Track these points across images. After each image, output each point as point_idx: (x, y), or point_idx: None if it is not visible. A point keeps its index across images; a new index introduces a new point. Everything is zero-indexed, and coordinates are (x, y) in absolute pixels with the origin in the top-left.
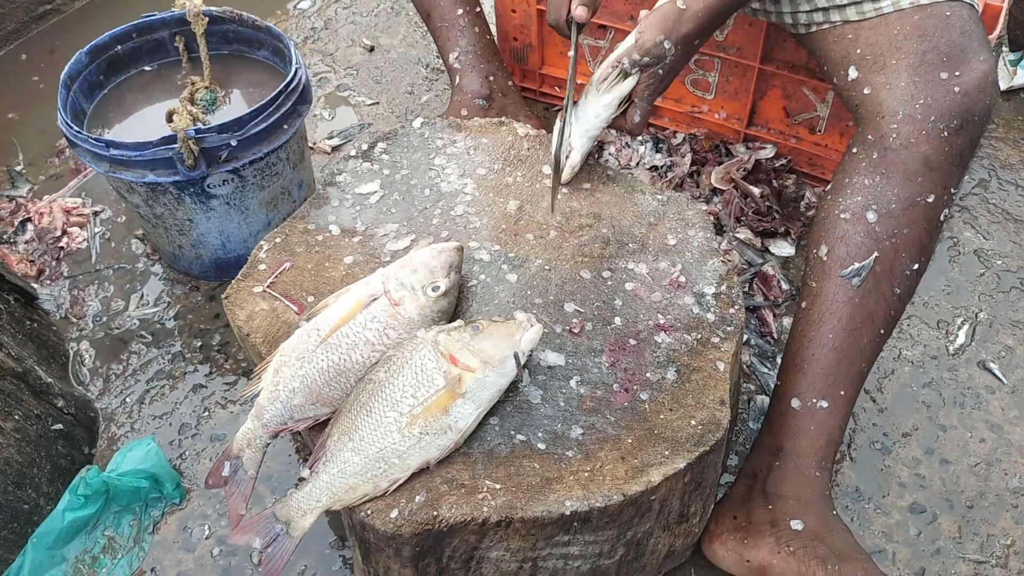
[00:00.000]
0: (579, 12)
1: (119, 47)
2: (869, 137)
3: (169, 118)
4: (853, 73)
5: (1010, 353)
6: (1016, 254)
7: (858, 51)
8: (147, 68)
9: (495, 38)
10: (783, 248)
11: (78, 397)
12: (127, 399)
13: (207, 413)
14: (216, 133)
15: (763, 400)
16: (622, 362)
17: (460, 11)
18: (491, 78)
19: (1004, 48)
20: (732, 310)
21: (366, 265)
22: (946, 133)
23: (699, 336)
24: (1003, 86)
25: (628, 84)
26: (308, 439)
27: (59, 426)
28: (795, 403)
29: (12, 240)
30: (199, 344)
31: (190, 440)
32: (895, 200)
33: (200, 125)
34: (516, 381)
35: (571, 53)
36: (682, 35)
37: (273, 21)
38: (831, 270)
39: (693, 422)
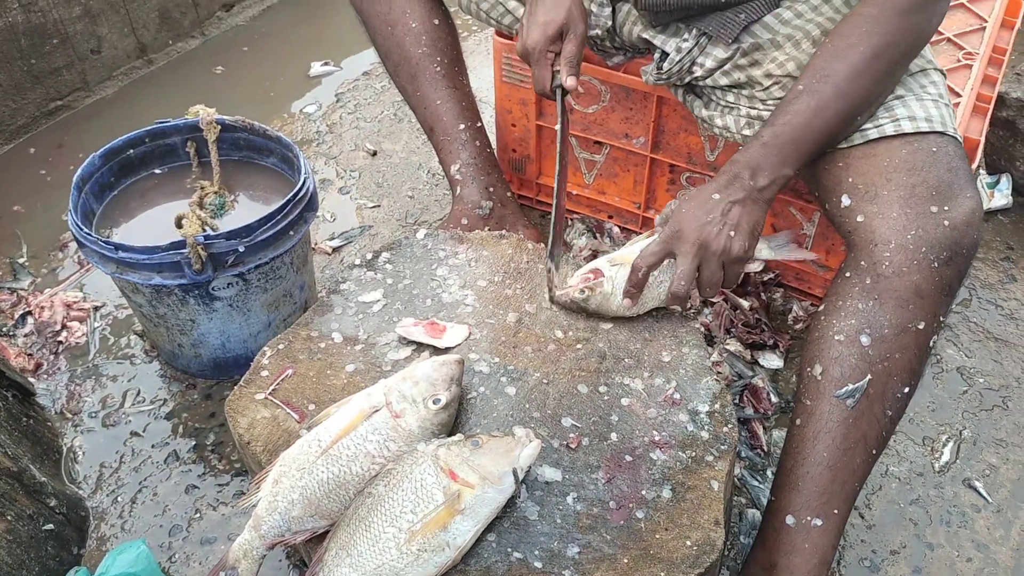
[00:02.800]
0: (569, 82)
1: (132, 151)
2: (862, 263)
3: (178, 223)
4: (846, 201)
5: (994, 472)
6: (997, 372)
7: (849, 179)
8: (157, 171)
9: (495, 150)
10: (772, 361)
11: (70, 496)
12: (119, 498)
13: (198, 515)
14: (225, 239)
15: (754, 514)
16: (618, 479)
17: (462, 126)
18: (491, 189)
19: (981, 172)
20: (726, 428)
21: (367, 374)
22: (936, 264)
23: (693, 454)
24: None
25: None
26: (304, 551)
27: (50, 526)
28: (790, 520)
29: (11, 333)
30: (193, 443)
31: (180, 543)
32: (888, 325)
33: (209, 230)
34: (514, 497)
35: (558, 125)
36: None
37: (279, 124)
38: (826, 390)
39: (688, 543)
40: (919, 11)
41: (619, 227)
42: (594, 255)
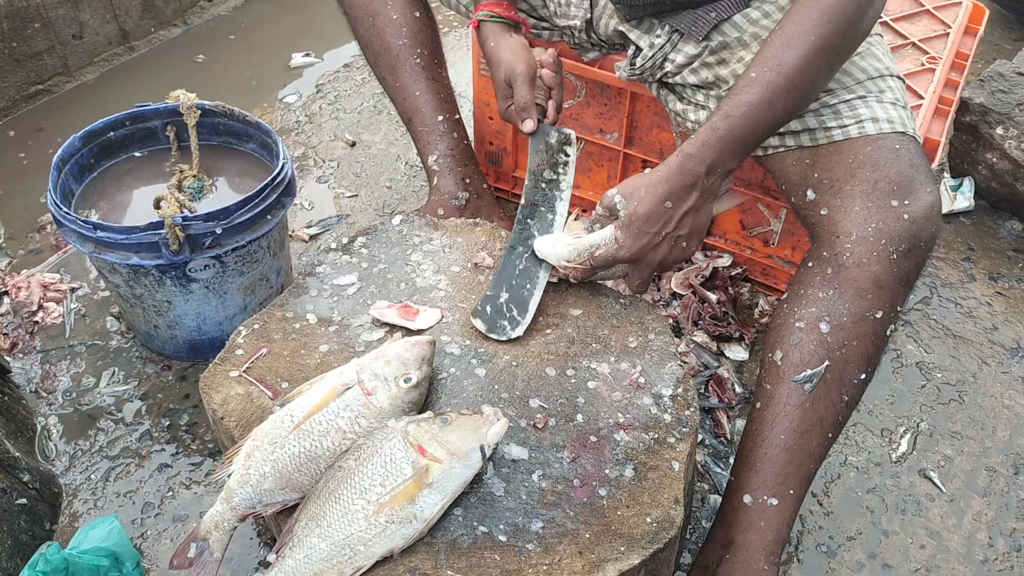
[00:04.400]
0: (527, 126)
1: (112, 133)
2: (824, 253)
3: (157, 204)
4: (811, 195)
5: (949, 463)
6: (955, 368)
7: (815, 175)
8: (137, 154)
9: (472, 142)
10: (737, 352)
11: (43, 472)
12: (92, 476)
13: (171, 493)
14: (202, 221)
15: (716, 499)
16: (583, 458)
17: (440, 117)
18: (467, 180)
19: (945, 175)
20: (688, 412)
21: (341, 354)
22: (895, 256)
23: (656, 436)
24: (944, 210)
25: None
26: (274, 524)
27: (23, 501)
28: (747, 499)
29: None
30: (167, 423)
31: (152, 520)
32: (846, 314)
33: (187, 212)
34: (480, 473)
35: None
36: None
37: (259, 112)
38: (785, 374)
39: (648, 519)
40: (861, 10)
41: None
42: None
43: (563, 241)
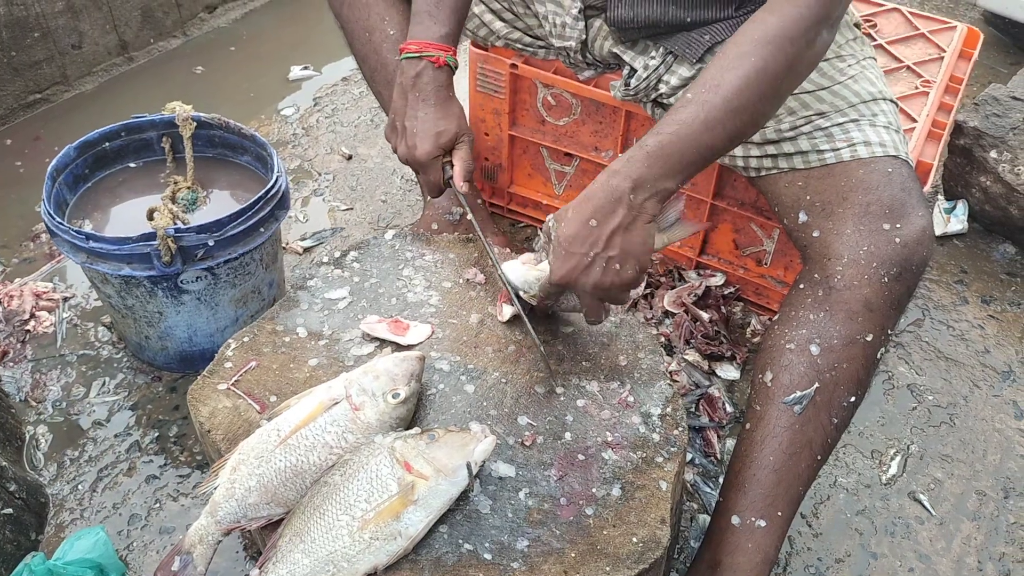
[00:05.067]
0: (465, 188)
1: (107, 144)
2: (816, 276)
3: (150, 216)
4: (803, 217)
5: (939, 486)
6: (946, 390)
7: (808, 197)
8: (132, 165)
9: None
10: (729, 372)
11: (30, 482)
12: (79, 486)
13: (158, 505)
14: (195, 233)
15: (705, 519)
16: (570, 476)
17: None
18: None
19: (939, 197)
20: (676, 431)
21: (330, 368)
22: (886, 279)
23: (644, 455)
24: (937, 232)
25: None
26: (259, 538)
27: (9, 510)
28: (735, 520)
29: None
30: (156, 435)
31: (139, 531)
32: (837, 336)
33: (180, 224)
34: (467, 490)
35: (468, 216)
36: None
37: (256, 125)
38: (775, 396)
39: (634, 539)
40: (809, 27)
41: None
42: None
43: (519, 271)
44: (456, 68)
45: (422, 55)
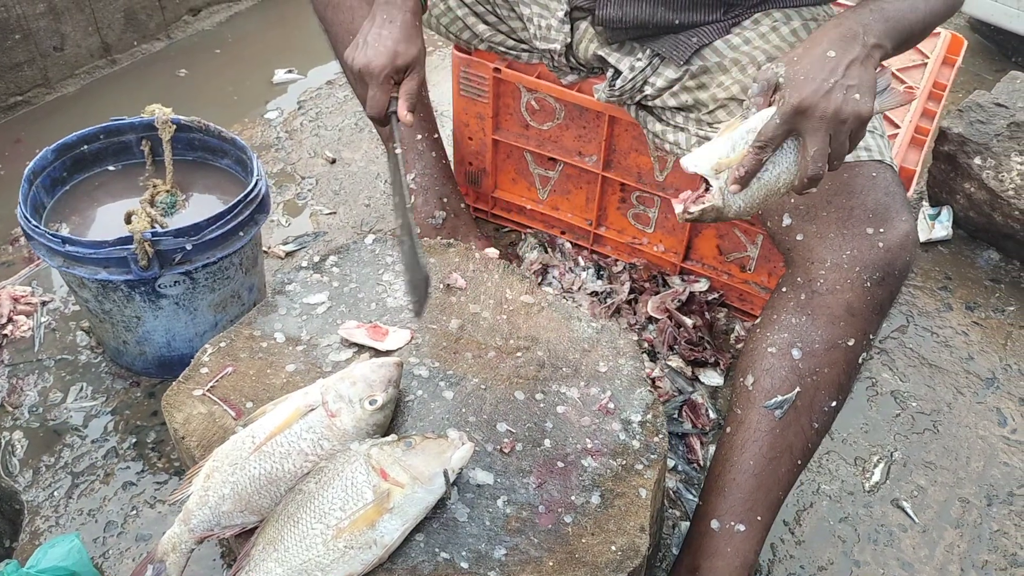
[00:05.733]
0: (408, 117)
1: (85, 147)
2: (798, 279)
3: (128, 219)
4: (787, 220)
5: (922, 493)
6: (930, 397)
7: (791, 200)
8: (111, 168)
9: (451, 162)
10: (712, 378)
11: (5, 489)
12: (55, 493)
13: (135, 512)
14: (172, 236)
15: (687, 526)
16: (549, 484)
17: (419, 136)
18: (445, 200)
19: (924, 203)
20: (657, 438)
21: (307, 374)
22: (869, 284)
23: (624, 462)
24: (922, 238)
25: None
26: (235, 546)
27: None
28: (714, 524)
29: None
30: (134, 441)
31: (115, 539)
32: (818, 340)
33: (158, 227)
34: (444, 498)
35: (396, 149)
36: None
37: (240, 128)
38: (756, 400)
39: (613, 547)
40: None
41: (571, 243)
42: (544, 269)
43: (715, 143)
44: (426, 7)
45: None
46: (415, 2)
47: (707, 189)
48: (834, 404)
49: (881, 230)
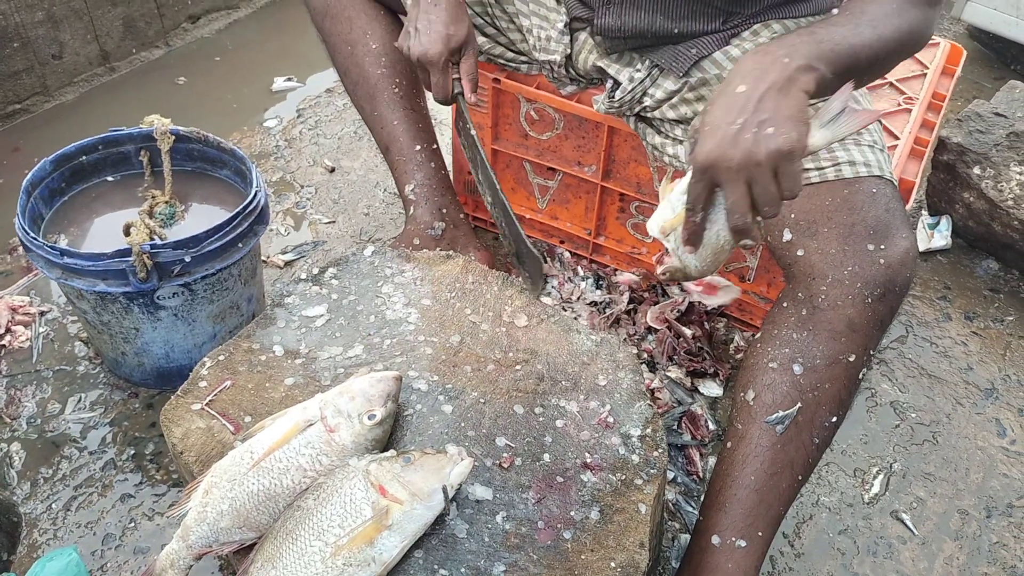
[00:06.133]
0: (474, 98)
1: (84, 157)
2: (799, 294)
3: (126, 231)
4: (787, 235)
5: (921, 505)
6: (929, 408)
7: (792, 216)
8: (109, 178)
9: (450, 172)
10: (712, 389)
11: (2, 501)
12: (53, 505)
13: (133, 524)
14: (171, 248)
15: (687, 539)
16: (548, 499)
17: (418, 147)
18: (444, 210)
19: (923, 212)
20: (656, 453)
21: (306, 388)
22: (870, 300)
23: (623, 477)
24: (921, 247)
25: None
26: (233, 562)
27: None
28: (715, 540)
29: None
30: (132, 452)
31: (113, 551)
32: (820, 356)
33: (156, 239)
34: (443, 514)
35: (472, 130)
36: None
37: (239, 136)
38: (757, 415)
39: (613, 564)
40: (931, 5)
41: (570, 252)
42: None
43: (661, 206)
44: None
45: None
46: None
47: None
48: (835, 419)
49: (882, 246)
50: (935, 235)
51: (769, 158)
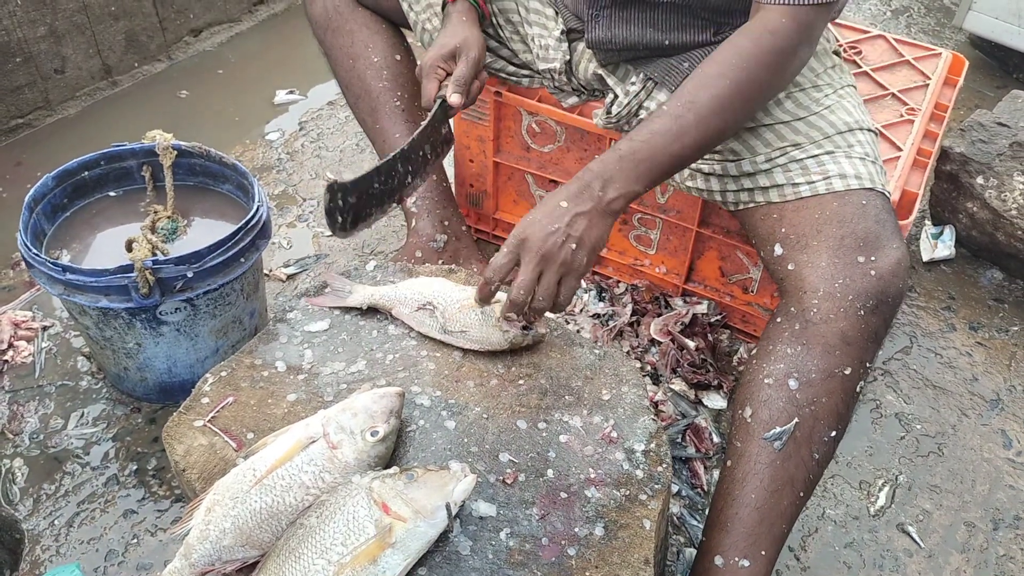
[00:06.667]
0: (454, 99)
1: (86, 173)
2: (792, 309)
3: (128, 247)
4: (779, 250)
5: (927, 517)
6: (934, 419)
7: (783, 230)
8: (112, 193)
9: (452, 185)
10: (715, 401)
11: (5, 518)
12: (55, 521)
13: (136, 540)
14: (173, 264)
15: (691, 553)
16: (552, 515)
17: None
18: (446, 223)
19: (927, 222)
20: (660, 468)
21: (309, 404)
22: (863, 312)
23: (627, 492)
24: (925, 257)
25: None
26: None
27: None
28: (718, 560)
29: None
30: (135, 467)
31: (115, 568)
32: (815, 370)
33: (159, 255)
34: (446, 531)
35: (423, 123)
36: None
37: (241, 149)
38: (755, 432)
39: None
40: (785, 53)
41: None
42: None
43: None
44: (476, 6)
45: (443, 3)
46: (465, 5)
47: None
48: (834, 434)
49: (872, 258)
50: (939, 245)
51: (562, 264)
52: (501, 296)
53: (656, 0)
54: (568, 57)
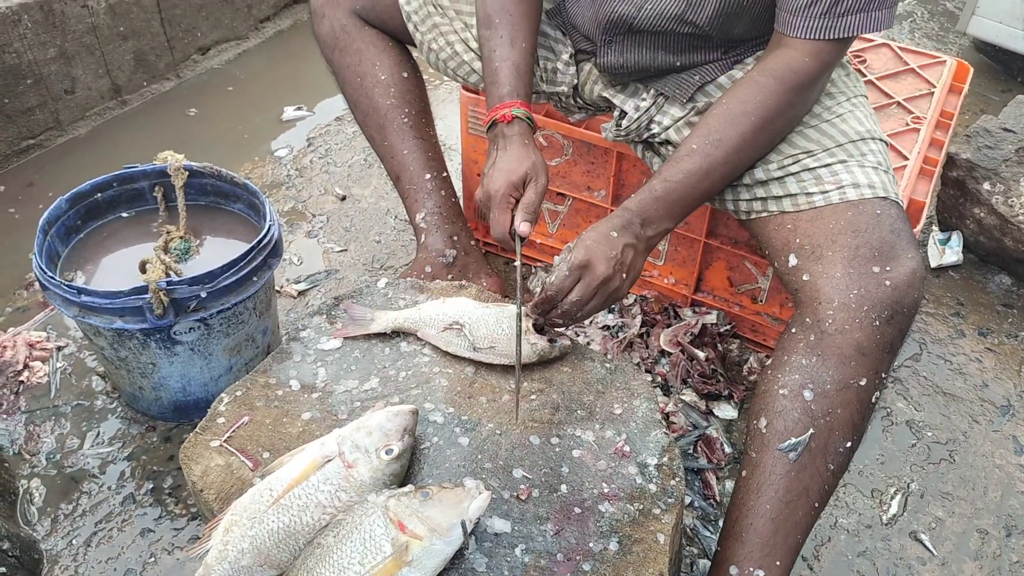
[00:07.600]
0: (523, 228)
1: (99, 195)
2: (807, 320)
3: (142, 268)
4: (793, 260)
5: (940, 525)
6: (945, 426)
7: (797, 240)
8: (124, 215)
9: (460, 199)
10: (726, 411)
11: (24, 538)
12: (73, 540)
13: (153, 559)
14: (187, 285)
15: (705, 564)
16: (567, 531)
17: (428, 176)
18: (455, 238)
19: (934, 228)
20: (673, 481)
21: (323, 422)
22: (878, 323)
23: (641, 507)
24: (933, 264)
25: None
26: None
27: (2, 570)
28: (733, 571)
29: None
30: (151, 486)
31: None
32: (830, 381)
33: (172, 275)
34: (462, 548)
35: (516, 263)
36: None
37: (250, 166)
38: (770, 443)
39: None
40: (807, 89)
41: None
42: None
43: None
44: (530, 120)
45: (493, 120)
46: (523, 125)
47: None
48: (849, 445)
49: (888, 268)
50: (946, 251)
51: (614, 292)
52: (512, 308)
53: (672, 29)
54: (575, 80)
